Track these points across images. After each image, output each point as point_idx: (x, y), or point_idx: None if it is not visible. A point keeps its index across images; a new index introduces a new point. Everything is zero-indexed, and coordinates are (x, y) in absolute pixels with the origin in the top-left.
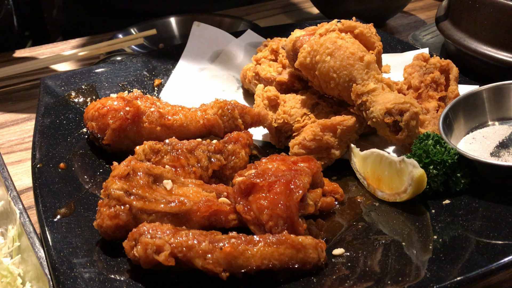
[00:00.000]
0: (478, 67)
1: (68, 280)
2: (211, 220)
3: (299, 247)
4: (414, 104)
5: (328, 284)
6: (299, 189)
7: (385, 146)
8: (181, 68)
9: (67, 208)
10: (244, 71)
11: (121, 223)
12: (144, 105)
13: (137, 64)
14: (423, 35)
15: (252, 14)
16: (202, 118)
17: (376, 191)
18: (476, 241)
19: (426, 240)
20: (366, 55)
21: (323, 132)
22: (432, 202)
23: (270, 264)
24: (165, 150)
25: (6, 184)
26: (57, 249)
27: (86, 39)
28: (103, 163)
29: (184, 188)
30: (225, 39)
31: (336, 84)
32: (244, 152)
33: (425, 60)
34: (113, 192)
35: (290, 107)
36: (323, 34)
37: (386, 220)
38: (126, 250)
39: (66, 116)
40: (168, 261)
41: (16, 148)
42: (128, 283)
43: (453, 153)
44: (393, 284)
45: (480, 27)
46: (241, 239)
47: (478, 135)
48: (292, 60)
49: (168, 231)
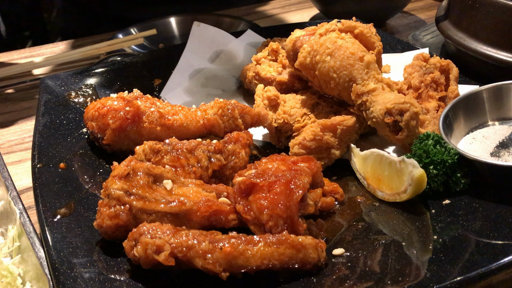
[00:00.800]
0: (478, 67)
1: (68, 280)
2: (211, 220)
3: (299, 247)
4: (414, 104)
5: (328, 284)
6: (299, 189)
7: (385, 146)
8: (181, 68)
9: (67, 208)
10: (244, 71)
11: (121, 223)
12: (144, 105)
13: (137, 64)
14: (423, 35)
15: (252, 14)
16: (202, 118)
17: (376, 191)
18: (476, 241)
19: (426, 240)
20: (366, 55)
21: (323, 132)
22: (432, 202)
23: (270, 264)
24: (165, 150)
25: (6, 184)
26: (57, 249)
27: (86, 39)
28: (103, 163)
29: (184, 188)
30: (225, 39)
31: (336, 84)
32: (244, 152)
33: (425, 60)
34: (113, 192)
35: (290, 107)
36: (323, 34)
37: (386, 220)
38: (126, 250)
39: (66, 116)
40: (168, 261)
41: (16, 148)
42: (128, 283)
43: (453, 153)
44: (393, 284)
45: (480, 27)
46: (241, 239)
47: (478, 135)
48: (292, 60)
49: (168, 231)
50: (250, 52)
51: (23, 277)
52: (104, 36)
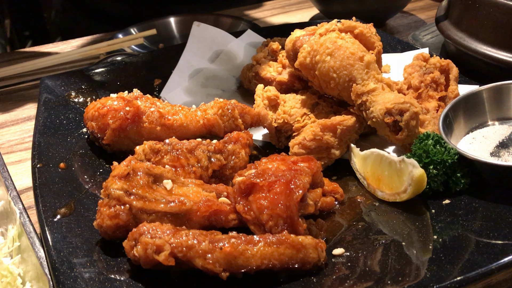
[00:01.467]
0: (478, 67)
1: (68, 280)
2: (211, 220)
3: (299, 247)
4: (414, 104)
5: (328, 284)
6: (299, 189)
7: (385, 146)
8: (181, 68)
9: (67, 208)
10: (244, 71)
11: (121, 223)
12: (144, 105)
13: (137, 64)
14: (423, 35)
15: (252, 14)
16: (202, 118)
17: (376, 191)
18: (476, 241)
19: (426, 240)
20: (366, 55)
21: (323, 132)
22: (432, 202)
23: (270, 264)
24: (165, 150)
25: (6, 184)
26: (57, 249)
27: (86, 39)
28: (103, 163)
29: (184, 188)
30: (225, 39)
31: (336, 84)
32: (244, 152)
33: (425, 60)
34: (113, 192)
35: (290, 107)
36: (323, 34)
37: (386, 220)
38: (126, 250)
39: (66, 116)
40: (168, 261)
41: (16, 148)
42: (128, 283)
43: (453, 153)
44: (393, 284)
45: (480, 27)
46: (241, 239)
47: (478, 135)
48: (292, 60)
49: (168, 231)
50: (250, 52)
51: (23, 277)
52: (104, 36)
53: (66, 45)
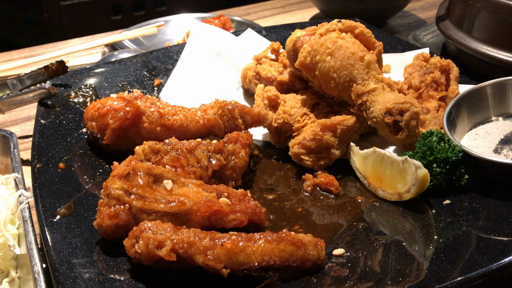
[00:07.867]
0: (479, 66)
1: (68, 280)
2: (211, 220)
3: (299, 244)
4: (414, 104)
5: (328, 284)
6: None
7: (385, 146)
8: (181, 68)
9: (67, 208)
10: (245, 71)
11: (121, 222)
12: (144, 105)
13: (137, 64)
14: (424, 35)
15: (252, 14)
16: (202, 118)
17: (377, 190)
18: (476, 241)
19: (426, 240)
20: (366, 55)
21: (323, 132)
22: (433, 202)
23: (271, 261)
24: (165, 150)
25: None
26: (57, 249)
27: (86, 39)
28: (103, 163)
29: (184, 188)
30: (225, 39)
31: (336, 84)
32: (244, 152)
33: (426, 60)
34: (113, 192)
35: (290, 107)
36: (324, 34)
37: (387, 220)
38: (126, 248)
39: (66, 116)
40: (169, 256)
41: None
42: (128, 283)
43: (457, 150)
44: (393, 284)
45: (480, 27)
46: (242, 236)
47: (481, 130)
48: (292, 60)
49: (169, 228)
50: (250, 52)
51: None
52: (104, 36)
53: (66, 45)
